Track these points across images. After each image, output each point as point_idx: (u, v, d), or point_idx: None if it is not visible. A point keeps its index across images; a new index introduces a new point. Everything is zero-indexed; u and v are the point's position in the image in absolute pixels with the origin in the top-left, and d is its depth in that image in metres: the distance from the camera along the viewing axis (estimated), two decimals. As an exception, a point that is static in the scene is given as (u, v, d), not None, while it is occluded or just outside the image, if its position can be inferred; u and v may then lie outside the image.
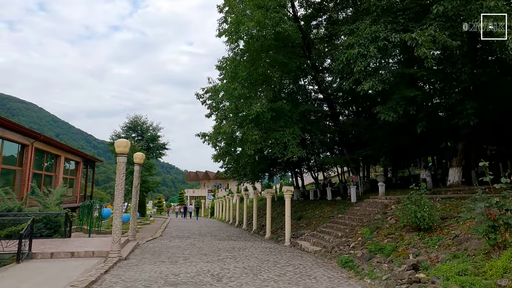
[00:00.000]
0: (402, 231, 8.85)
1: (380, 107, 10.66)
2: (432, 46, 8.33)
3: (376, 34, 10.13)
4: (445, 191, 11.75)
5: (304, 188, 27.29)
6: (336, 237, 11.00)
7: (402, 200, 10.66)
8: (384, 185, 14.31)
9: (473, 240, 6.37)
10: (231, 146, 17.68)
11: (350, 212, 13.19)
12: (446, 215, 8.52)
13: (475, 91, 10.39)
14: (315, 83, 20.94)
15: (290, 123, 15.37)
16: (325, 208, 16.63)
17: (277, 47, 17.02)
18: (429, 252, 6.92)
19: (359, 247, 9.27)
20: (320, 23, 21.02)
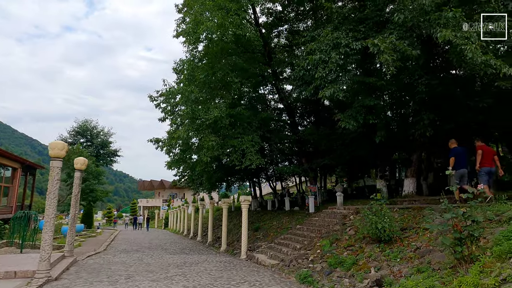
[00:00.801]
0: (362, 242, 8.54)
1: (340, 114, 10.46)
2: (393, 54, 8.23)
3: (337, 41, 9.97)
4: (401, 201, 11.76)
5: (262, 198, 26.81)
6: (295, 249, 10.50)
7: (361, 211, 10.44)
8: (342, 195, 14.16)
9: (436, 252, 6.12)
10: (186, 153, 16.73)
11: (308, 223, 12.82)
12: (405, 226, 8.34)
13: (431, 103, 10.54)
14: (275, 92, 20.72)
15: (249, 131, 14.84)
16: (283, 218, 16.18)
17: (238, 52, 16.55)
18: (391, 265, 6.60)
19: (319, 260, 8.82)
20: (281, 32, 20.97)
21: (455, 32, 7.57)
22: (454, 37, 7.43)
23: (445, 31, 7.55)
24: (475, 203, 4.91)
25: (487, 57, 7.06)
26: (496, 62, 7.00)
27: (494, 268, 4.29)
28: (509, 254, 4.46)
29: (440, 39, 7.61)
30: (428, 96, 10.25)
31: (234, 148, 14.06)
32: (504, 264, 4.28)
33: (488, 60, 7.05)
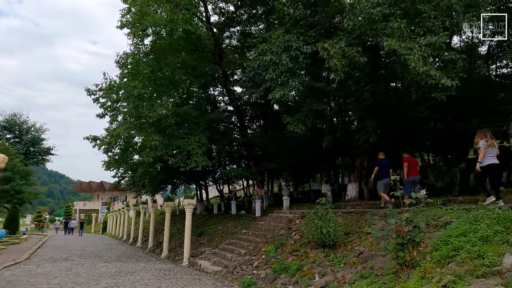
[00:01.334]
0: (307, 247, 8.44)
1: (289, 117, 10.38)
2: (342, 60, 8.30)
3: (288, 44, 9.89)
4: (344, 206, 12.01)
5: (209, 202, 26.16)
6: (239, 255, 10.15)
7: (307, 215, 10.42)
8: (288, 198, 14.17)
9: (378, 257, 6.15)
10: (127, 153, 15.60)
11: (254, 227, 12.56)
12: (349, 230, 8.40)
13: (375, 110, 10.89)
14: (225, 94, 20.32)
15: (196, 131, 14.24)
16: (229, 223, 15.77)
17: (187, 50, 15.90)
18: (335, 271, 6.52)
19: (263, 266, 8.56)
20: (233, 34, 20.70)
21: (400, 42, 7.81)
22: (399, 46, 7.67)
23: (391, 40, 7.77)
24: (417, 209, 4.95)
25: (428, 67, 7.39)
26: (436, 72, 7.34)
27: (434, 273, 4.30)
28: (448, 259, 4.52)
29: (386, 48, 7.82)
30: (372, 104, 10.57)
31: (180, 149, 13.39)
32: (444, 270, 4.32)
33: (429, 71, 7.37)
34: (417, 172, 9.44)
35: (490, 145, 6.70)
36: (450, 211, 6.55)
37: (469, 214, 5.65)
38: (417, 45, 7.88)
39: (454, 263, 4.36)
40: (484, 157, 6.68)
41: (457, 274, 3.98)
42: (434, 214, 6.74)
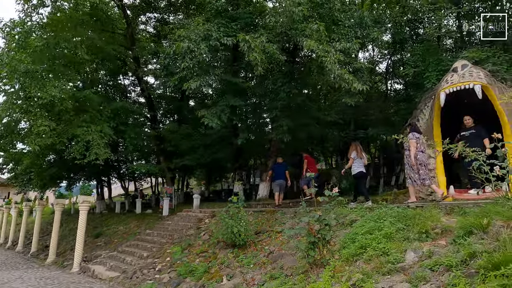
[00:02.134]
0: (216, 248, 8.00)
1: (205, 111, 9.82)
2: (262, 56, 8.10)
3: (208, 33, 9.34)
4: (255, 205, 11.95)
5: (111, 200, 23.85)
6: (141, 258, 9.19)
7: (217, 214, 10.00)
8: (199, 197, 13.56)
9: (288, 257, 6.03)
10: (7, 140, 13.06)
11: (160, 227, 11.63)
12: (259, 229, 8.22)
13: (291, 111, 11.04)
14: (137, 84, 18.70)
15: (99, 120, 12.62)
16: (132, 222, 14.42)
17: (95, 29, 14.08)
18: (244, 272, 6.19)
19: (167, 270, 7.82)
20: (149, 19, 19.24)
21: (318, 44, 7.95)
22: (317, 48, 7.79)
23: (310, 41, 7.86)
24: (330, 207, 4.91)
25: (343, 71, 7.66)
26: (349, 76, 7.66)
27: (343, 272, 4.26)
28: (356, 256, 4.55)
29: (306, 48, 7.89)
30: (288, 104, 10.69)
31: (77, 138, 11.69)
32: (352, 268, 4.30)
33: (343, 74, 7.65)
34: (315, 169, 10.88)
35: (359, 156, 7.88)
36: (354, 210, 6.79)
37: (372, 213, 5.88)
38: (333, 49, 8.13)
39: (361, 261, 4.38)
40: (354, 165, 7.91)
41: (365, 272, 3.98)
42: (340, 213, 6.95)
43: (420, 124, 9.45)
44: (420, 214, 4.91)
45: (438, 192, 6.69)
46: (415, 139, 6.78)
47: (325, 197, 4.85)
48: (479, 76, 6.65)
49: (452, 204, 5.51)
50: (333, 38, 9.20)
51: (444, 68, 9.84)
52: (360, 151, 7.89)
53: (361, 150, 7.92)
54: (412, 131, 7.01)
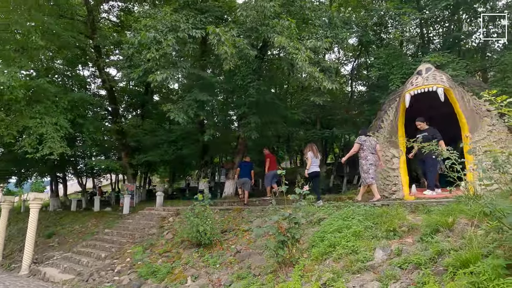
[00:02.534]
0: (180, 247, 7.70)
1: (171, 105, 9.43)
2: (233, 50, 7.89)
3: (176, 24, 8.97)
4: (221, 203, 11.72)
5: (67, 197, 22.48)
6: (98, 259, 8.65)
7: (182, 212, 9.68)
8: (162, 194, 13.08)
9: (255, 256, 5.89)
10: None
11: (120, 226, 11.06)
12: (225, 228, 8.03)
13: (259, 108, 10.93)
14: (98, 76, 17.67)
15: (54, 112, 11.75)
16: (89, 221, 13.62)
17: (51, 13, 13.10)
18: (210, 273, 5.98)
19: (127, 271, 7.40)
20: (112, 8, 18.29)
21: (289, 41, 7.88)
22: (288, 44, 7.72)
23: (281, 38, 7.77)
24: (300, 205, 4.83)
25: (313, 69, 7.65)
26: (319, 75, 7.66)
27: (313, 271, 4.19)
28: (325, 255, 4.50)
29: (276, 44, 7.78)
30: (257, 101, 10.56)
31: (29, 131, 10.82)
32: (322, 267, 4.25)
33: (313, 72, 7.63)
34: (277, 166, 10.82)
35: (316, 156, 8.08)
36: (322, 208, 6.81)
37: (340, 211, 5.90)
38: (303, 47, 8.10)
39: (331, 259, 4.34)
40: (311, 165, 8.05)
41: (335, 271, 3.93)
42: (308, 211, 6.94)
43: (384, 124, 9.73)
44: (387, 213, 4.97)
45: (376, 196, 7.12)
46: (361, 143, 7.31)
47: (295, 195, 4.76)
48: (442, 79, 6.91)
49: (416, 202, 5.65)
50: (303, 36, 9.19)
51: (408, 71, 10.20)
52: (316, 151, 8.11)
53: (316, 151, 8.15)
54: (360, 134, 7.51)
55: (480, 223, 3.64)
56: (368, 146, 7.32)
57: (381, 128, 9.73)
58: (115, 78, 18.57)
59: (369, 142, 7.37)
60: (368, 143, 7.34)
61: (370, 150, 7.31)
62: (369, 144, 7.35)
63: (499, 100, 2.80)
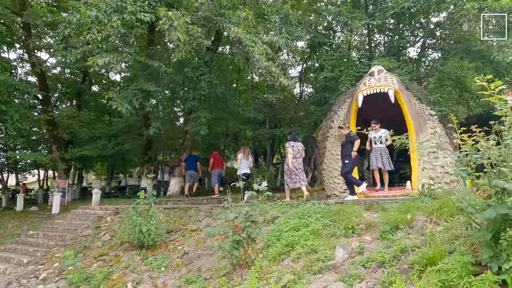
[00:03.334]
0: (120, 250, 6.97)
1: (114, 93, 8.57)
2: (186, 37, 7.37)
3: (122, 5, 8.16)
4: (166, 201, 11.03)
5: (-18, 195, 19.70)
6: (19, 265, 7.53)
7: (122, 211, 8.87)
8: (99, 192, 11.94)
9: (205, 257, 5.48)
10: None
11: (48, 227, 9.82)
12: (171, 228, 7.46)
13: (210, 102, 10.47)
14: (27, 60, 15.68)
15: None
16: (10, 222, 11.98)
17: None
18: (154, 277, 5.42)
19: (55, 278, 6.49)
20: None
21: (246, 33, 7.58)
22: (245, 37, 7.42)
23: (237, 29, 7.44)
24: (258, 202, 4.53)
25: (270, 63, 7.43)
26: (276, 70, 7.46)
27: (272, 272, 3.91)
28: (283, 255, 4.26)
29: (232, 34, 7.43)
30: (208, 95, 10.10)
31: None
32: (281, 267, 3.99)
33: (270, 67, 7.41)
34: (222, 166, 11.24)
35: (246, 158, 8.52)
36: (274, 206, 6.60)
37: (295, 209, 5.74)
38: (259, 41, 7.86)
39: (289, 259, 4.11)
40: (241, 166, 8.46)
41: (295, 272, 3.70)
42: (261, 209, 6.68)
43: (334, 124, 9.88)
44: (343, 210, 4.89)
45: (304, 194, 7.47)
46: (291, 147, 7.47)
47: (252, 192, 4.46)
48: (393, 81, 7.15)
49: (370, 200, 5.68)
50: (258, 31, 8.96)
51: (357, 74, 10.50)
52: (247, 154, 8.55)
53: (248, 153, 8.60)
54: (290, 140, 7.70)
55: (438, 220, 3.66)
56: (295, 151, 7.52)
57: (331, 128, 9.89)
58: (47, 63, 16.69)
59: (296, 147, 7.58)
60: (296, 148, 7.56)
61: (295, 154, 7.53)
62: (297, 149, 7.56)
63: (492, 86, 2.73)
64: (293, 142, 7.59)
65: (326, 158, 9.02)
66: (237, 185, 4.53)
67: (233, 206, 4.56)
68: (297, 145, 7.62)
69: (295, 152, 7.48)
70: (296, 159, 7.51)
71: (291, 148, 7.45)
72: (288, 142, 7.67)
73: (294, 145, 7.56)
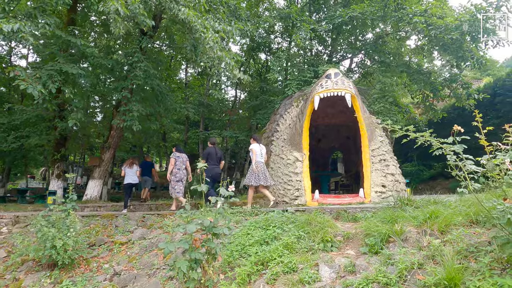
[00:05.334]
0: (20, 271, 5.37)
1: (23, 70, 6.77)
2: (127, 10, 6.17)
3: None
4: (82, 208, 9.30)
5: None
6: None
7: (26, 220, 7.09)
8: (-7, 196, 9.60)
9: (143, 278, 4.40)
10: None
11: None
12: (93, 241, 6.08)
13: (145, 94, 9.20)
14: None
15: None
16: None
17: None
18: (73, 308, 4.14)
19: None
20: None
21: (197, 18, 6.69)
22: (196, 21, 6.52)
23: (189, 10, 6.51)
24: (223, 210, 3.69)
25: (224, 53, 6.63)
26: (231, 61, 6.69)
27: (246, 300, 3.11)
28: (254, 276, 3.49)
29: (182, 16, 6.45)
30: (143, 86, 8.83)
31: None
32: (255, 292, 3.21)
33: (224, 57, 6.61)
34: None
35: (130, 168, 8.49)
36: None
37: (254, 219, 5.02)
38: (211, 29, 7.02)
39: (263, 282, 3.34)
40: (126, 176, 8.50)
41: (277, 299, 2.96)
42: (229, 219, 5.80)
43: (280, 128, 9.47)
44: (313, 220, 4.33)
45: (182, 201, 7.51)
46: (175, 158, 7.66)
47: (219, 199, 3.62)
48: (350, 86, 6.96)
49: (333, 208, 5.24)
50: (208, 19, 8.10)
51: (304, 78, 10.30)
52: (130, 165, 8.46)
53: (131, 164, 8.49)
54: (175, 151, 7.86)
55: (432, 232, 3.29)
56: (180, 162, 7.68)
57: (277, 131, 9.45)
58: None
59: (181, 158, 7.73)
60: (180, 159, 7.71)
61: (179, 166, 7.68)
62: (181, 160, 7.71)
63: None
64: (178, 153, 7.75)
65: (273, 163, 8.50)
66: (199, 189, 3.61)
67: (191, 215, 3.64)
68: (182, 156, 7.79)
69: (179, 163, 7.65)
70: (179, 170, 7.68)
71: (173, 159, 7.65)
72: (174, 153, 7.80)
73: (180, 155, 7.73)
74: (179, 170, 7.64)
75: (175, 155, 7.69)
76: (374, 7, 9.69)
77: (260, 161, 6.98)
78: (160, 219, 6.81)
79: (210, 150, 7.43)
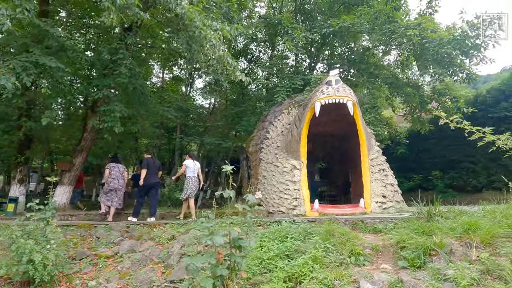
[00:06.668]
0: (-13, 291, 4.57)
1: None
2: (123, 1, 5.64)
3: None
4: (51, 216, 8.37)
5: None
6: None
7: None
8: None
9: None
10: None
11: None
12: (73, 254, 5.36)
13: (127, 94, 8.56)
14: None
15: None
16: None
17: None
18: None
19: None
20: None
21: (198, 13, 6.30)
22: (197, 18, 6.12)
23: (189, 6, 6.10)
24: (250, 219, 3.28)
25: (225, 53, 6.26)
26: (233, 61, 6.32)
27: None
28: (286, 294, 3.10)
29: (182, 11, 6.02)
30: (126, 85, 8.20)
31: None
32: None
33: (226, 57, 6.24)
34: None
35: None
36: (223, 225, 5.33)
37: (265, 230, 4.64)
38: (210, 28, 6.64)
39: (298, 301, 2.97)
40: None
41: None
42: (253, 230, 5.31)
43: (271, 135, 9.18)
44: (334, 231, 4.03)
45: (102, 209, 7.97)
46: (110, 168, 7.80)
47: (246, 207, 3.22)
48: (351, 93, 6.84)
49: (347, 219, 4.97)
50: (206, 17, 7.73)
51: (293, 85, 10.14)
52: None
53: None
54: (111, 161, 8.04)
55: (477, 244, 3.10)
56: (116, 172, 7.80)
57: (267, 139, 9.14)
58: None
59: (117, 168, 7.86)
60: (116, 169, 7.83)
61: (115, 176, 7.79)
62: (117, 170, 7.84)
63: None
64: (113, 164, 7.87)
65: (266, 171, 8.16)
66: (225, 195, 3.19)
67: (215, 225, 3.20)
68: (119, 166, 7.90)
69: (116, 173, 7.78)
70: (118, 180, 7.81)
71: (108, 170, 7.78)
72: (109, 164, 7.91)
73: (115, 166, 7.84)
74: (113, 180, 7.74)
75: (110, 166, 7.83)
76: (364, 19, 9.79)
77: (192, 176, 7.37)
78: (147, 230, 6.22)
79: (149, 161, 7.51)
